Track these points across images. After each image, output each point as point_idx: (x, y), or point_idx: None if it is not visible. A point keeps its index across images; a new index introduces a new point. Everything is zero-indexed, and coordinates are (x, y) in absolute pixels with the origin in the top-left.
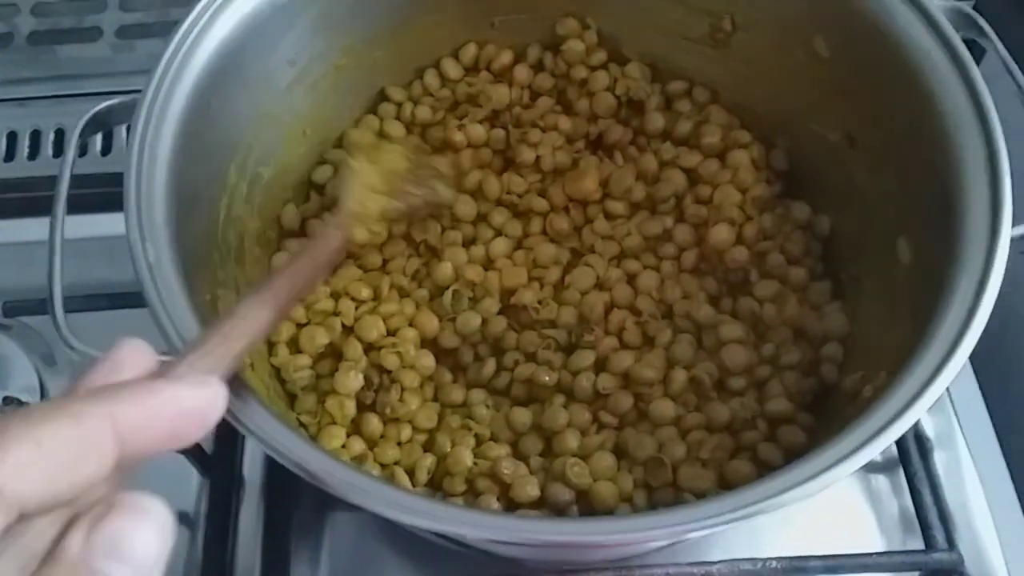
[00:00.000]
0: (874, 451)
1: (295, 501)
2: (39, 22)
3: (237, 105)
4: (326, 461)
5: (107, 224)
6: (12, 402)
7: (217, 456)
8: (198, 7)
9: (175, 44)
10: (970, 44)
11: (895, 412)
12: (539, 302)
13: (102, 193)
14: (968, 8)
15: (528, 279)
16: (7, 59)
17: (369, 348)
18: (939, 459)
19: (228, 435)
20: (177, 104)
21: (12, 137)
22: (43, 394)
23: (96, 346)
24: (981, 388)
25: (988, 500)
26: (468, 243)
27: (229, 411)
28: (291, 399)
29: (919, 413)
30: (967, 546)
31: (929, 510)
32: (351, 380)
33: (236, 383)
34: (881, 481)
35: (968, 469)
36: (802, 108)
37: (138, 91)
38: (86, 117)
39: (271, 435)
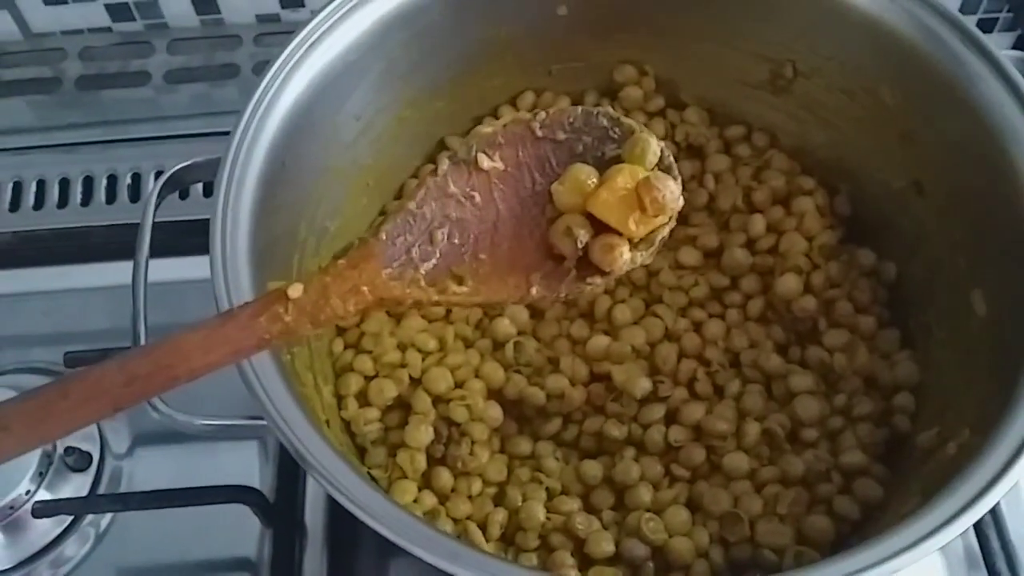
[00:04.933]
0: (975, 516)
1: (357, 548)
2: (86, 66)
3: (307, 162)
4: (410, 522)
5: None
6: (73, 452)
7: (279, 505)
8: (273, 68)
9: (252, 105)
10: None
11: (994, 474)
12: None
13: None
14: None
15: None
16: (55, 103)
17: (437, 400)
18: None
19: (290, 484)
20: (255, 166)
21: (64, 184)
22: (102, 443)
23: (181, 408)
24: None
25: None
26: None
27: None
28: (361, 453)
29: (1019, 474)
30: None
31: (994, 547)
32: (422, 434)
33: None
34: None
35: None
36: (866, 154)
37: (186, 135)
38: (165, 177)
39: (367, 505)
